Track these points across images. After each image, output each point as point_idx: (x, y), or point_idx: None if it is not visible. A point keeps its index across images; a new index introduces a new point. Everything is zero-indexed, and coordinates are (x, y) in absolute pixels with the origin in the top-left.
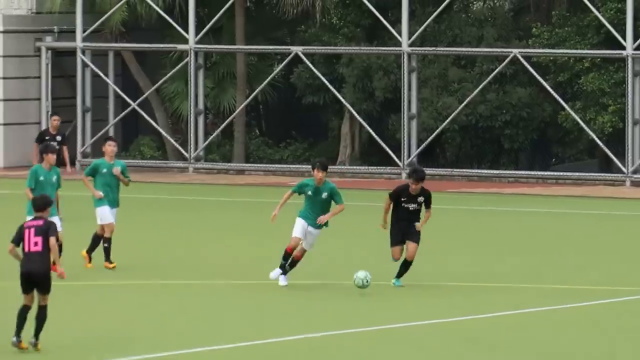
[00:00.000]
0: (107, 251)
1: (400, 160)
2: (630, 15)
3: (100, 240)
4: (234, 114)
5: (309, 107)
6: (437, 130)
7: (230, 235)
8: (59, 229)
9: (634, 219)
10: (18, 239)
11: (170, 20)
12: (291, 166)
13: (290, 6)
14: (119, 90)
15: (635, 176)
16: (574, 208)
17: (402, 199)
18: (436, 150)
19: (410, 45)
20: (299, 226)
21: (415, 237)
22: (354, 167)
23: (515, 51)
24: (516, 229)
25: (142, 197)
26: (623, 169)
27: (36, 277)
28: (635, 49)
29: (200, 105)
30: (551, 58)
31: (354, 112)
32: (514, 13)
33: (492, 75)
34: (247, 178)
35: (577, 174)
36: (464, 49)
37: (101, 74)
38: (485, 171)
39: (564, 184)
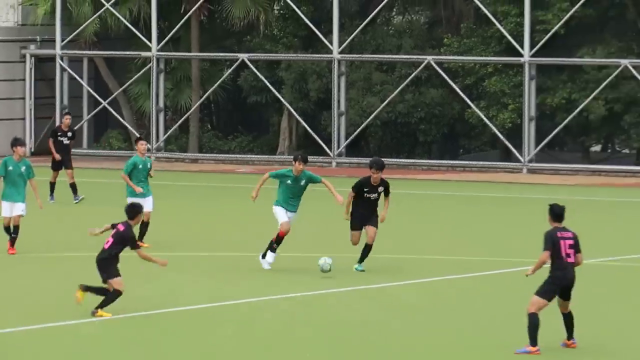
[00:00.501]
0: (142, 232)
1: (330, 151)
2: (528, 27)
3: (146, 225)
4: (190, 111)
5: (253, 105)
6: (362, 125)
7: (186, 213)
8: (23, 213)
9: (529, 200)
10: None
11: (136, 31)
12: (237, 156)
13: (238, 19)
14: (91, 91)
15: (530, 165)
16: (478, 191)
17: (365, 190)
18: (361, 143)
19: (340, 53)
20: (282, 213)
21: (374, 222)
22: (292, 157)
23: (429, 58)
24: (429, 209)
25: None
26: (520, 158)
27: None
28: (531, 56)
29: (161, 104)
30: (460, 64)
31: (292, 110)
32: (428, 25)
33: (409, 78)
34: (200, 166)
35: (481, 162)
36: (385, 56)
37: (77, 77)
38: (403, 160)
39: (470, 171)
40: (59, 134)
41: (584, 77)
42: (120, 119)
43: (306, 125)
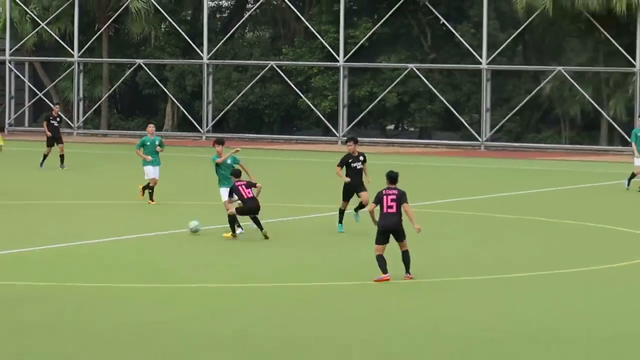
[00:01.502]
0: (151, 194)
1: (201, 129)
2: (342, 40)
3: (152, 188)
4: (101, 100)
5: (146, 96)
6: (224, 111)
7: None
8: None
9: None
10: None
11: (63, 43)
12: (135, 132)
13: (136, 34)
14: (31, 86)
15: (343, 138)
16: (307, 157)
17: (350, 161)
18: (223, 123)
19: (208, 59)
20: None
21: (363, 188)
22: (174, 133)
23: (272, 63)
24: (270, 171)
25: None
26: (337, 134)
27: None
28: (345, 61)
29: (81, 95)
30: (294, 67)
31: (174, 99)
32: (271, 39)
33: (257, 77)
34: (109, 139)
35: (309, 137)
36: (240, 62)
37: (20, 76)
38: (253, 135)
39: (301, 143)
40: (50, 118)
41: (382, 76)
42: (52, 106)
43: (184, 110)
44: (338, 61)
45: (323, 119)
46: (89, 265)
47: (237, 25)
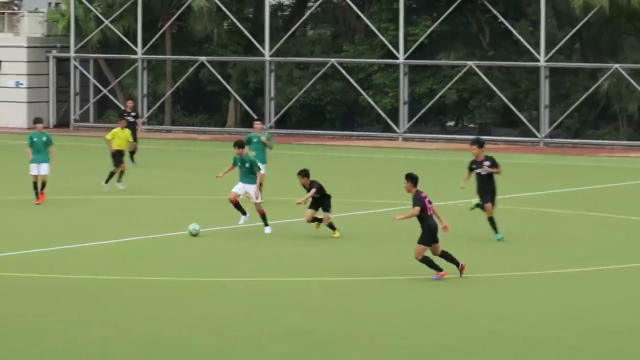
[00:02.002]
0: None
1: (264, 124)
2: (402, 38)
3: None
4: (164, 96)
5: (209, 93)
6: (286, 107)
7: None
8: (46, 172)
9: (403, 159)
10: None
11: (127, 41)
12: (198, 128)
13: (199, 32)
14: (95, 82)
15: (404, 135)
16: (368, 153)
17: (473, 167)
18: (285, 119)
19: (270, 56)
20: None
21: (489, 199)
22: (237, 129)
23: (333, 60)
24: (334, 165)
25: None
26: (397, 130)
27: None
28: (405, 59)
29: (145, 91)
30: (354, 64)
31: (237, 96)
32: (332, 37)
33: (319, 74)
34: (172, 135)
35: (369, 133)
36: (302, 59)
37: (85, 72)
38: (315, 131)
39: (362, 139)
40: (125, 114)
41: (442, 73)
42: (116, 102)
43: (247, 107)
44: (398, 59)
45: (384, 115)
46: (162, 259)
47: (298, 23)
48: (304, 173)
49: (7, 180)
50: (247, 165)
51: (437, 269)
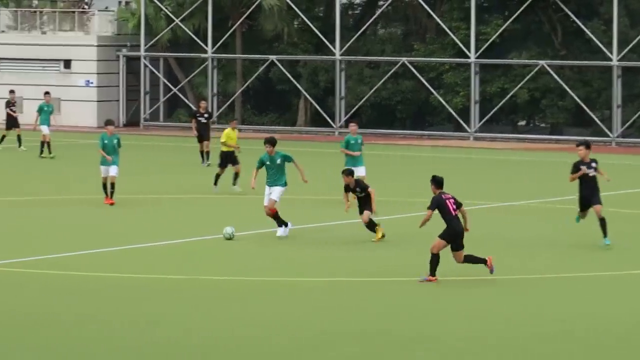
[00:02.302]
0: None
1: (334, 124)
2: (473, 37)
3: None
4: (235, 95)
5: (279, 92)
6: (356, 106)
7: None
8: (115, 174)
9: (475, 159)
10: None
11: (197, 39)
12: (268, 127)
13: (269, 31)
14: (166, 81)
15: (475, 134)
16: (439, 153)
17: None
18: (356, 118)
19: (341, 55)
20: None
21: (597, 200)
22: (307, 128)
23: (404, 59)
24: (407, 164)
25: (181, 146)
26: (468, 130)
27: None
28: (476, 58)
29: (215, 91)
30: (425, 63)
31: (307, 95)
32: (403, 36)
33: (389, 73)
34: (242, 134)
35: (440, 132)
36: (373, 58)
37: (155, 71)
38: (386, 130)
39: (432, 138)
40: (197, 114)
41: (513, 72)
42: (186, 101)
43: (317, 106)
44: (469, 58)
45: (455, 115)
46: (230, 258)
47: (369, 22)
48: (348, 172)
49: (75, 179)
50: (278, 162)
51: (433, 272)
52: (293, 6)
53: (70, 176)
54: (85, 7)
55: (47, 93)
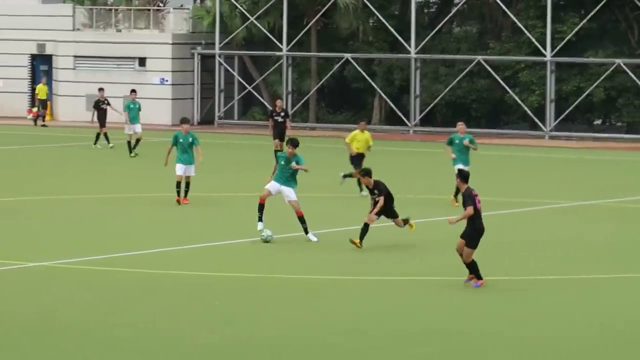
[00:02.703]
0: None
1: (409, 122)
2: (549, 36)
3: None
4: (309, 94)
5: (354, 90)
6: (431, 105)
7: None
8: (193, 173)
9: (550, 158)
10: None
11: (272, 37)
12: (343, 125)
13: (344, 29)
14: (240, 79)
15: (551, 133)
16: (514, 152)
17: None
18: (430, 117)
19: (416, 53)
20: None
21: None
22: (382, 126)
23: (479, 57)
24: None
25: (255, 144)
26: (544, 129)
27: None
28: (552, 57)
29: (289, 89)
30: (501, 62)
31: (382, 93)
32: (478, 34)
33: (464, 72)
34: (317, 132)
35: (515, 131)
36: (448, 56)
37: (230, 69)
38: None
39: (508, 137)
40: (274, 114)
41: (589, 71)
42: (261, 99)
43: (392, 104)
44: (545, 56)
45: (530, 113)
46: (299, 257)
47: (444, 20)
48: (365, 172)
49: (149, 178)
50: (293, 163)
51: (479, 275)
52: (368, 4)
53: (146, 174)
54: (161, 4)
55: (133, 91)
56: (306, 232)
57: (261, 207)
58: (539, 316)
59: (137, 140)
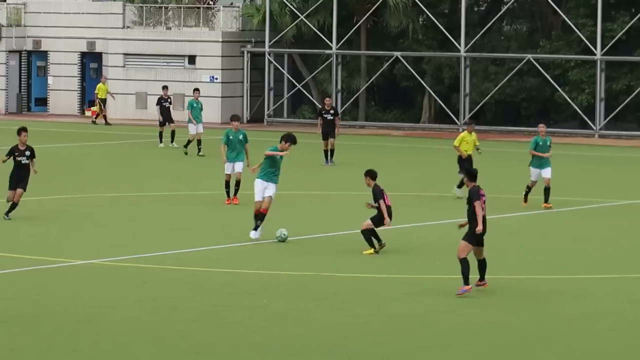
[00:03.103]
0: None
1: (458, 121)
2: (599, 34)
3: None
4: (359, 92)
5: (404, 88)
6: (481, 103)
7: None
8: (241, 170)
9: (600, 156)
10: None
11: (322, 35)
12: (392, 124)
13: (394, 27)
14: (290, 77)
15: (600, 132)
16: (565, 150)
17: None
18: (480, 115)
19: (465, 52)
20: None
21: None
22: (431, 125)
23: (529, 56)
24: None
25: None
26: (594, 127)
27: None
28: (602, 55)
29: (339, 87)
30: (551, 60)
31: (431, 92)
32: (528, 32)
33: (514, 70)
34: (367, 130)
35: (566, 130)
36: (498, 55)
37: (279, 67)
38: (510, 128)
39: (558, 136)
40: (323, 112)
41: (639, 70)
42: (310, 97)
43: (441, 103)
44: (595, 55)
45: (580, 112)
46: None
47: (494, 19)
48: (368, 173)
49: (201, 176)
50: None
51: (467, 281)
52: (418, 2)
53: (196, 172)
54: (211, 2)
55: (196, 90)
56: (256, 228)
57: (263, 217)
58: (588, 316)
59: (199, 141)
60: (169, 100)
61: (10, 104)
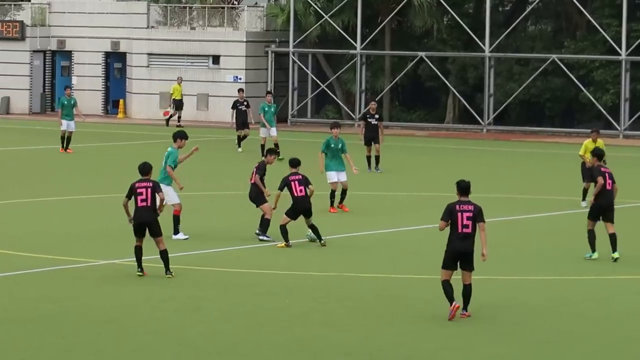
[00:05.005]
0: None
1: (482, 121)
2: (624, 34)
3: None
4: (383, 92)
5: (428, 88)
6: (505, 103)
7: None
8: (345, 179)
9: (625, 157)
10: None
11: (346, 35)
12: (416, 124)
13: (418, 27)
14: (314, 78)
15: (625, 132)
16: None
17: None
18: (504, 115)
19: (490, 52)
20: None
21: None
22: (455, 125)
23: (554, 56)
24: (554, 162)
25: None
26: (618, 127)
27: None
28: (627, 55)
29: (363, 87)
30: (575, 60)
31: (455, 92)
32: (553, 32)
33: (539, 70)
34: (391, 131)
35: (589, 130)
36: (522, 55)
37: (304, 67)
38: (535, 128)
39: (582, 136)
40: (368, 116)
41: None
42: (334, 97)
43: (466, 103)
44: (620, 55)
45: (604, 112)
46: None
47: (519, 19)
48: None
49: (226, 176)
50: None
51: (451, 300)
52: (443, 2)
53: (222, 172)
54: (235, 2)
55: (269, 92)
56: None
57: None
58: (614, 317)
59: (276, 145)
60: (245, 103)
61: (34, 104)
